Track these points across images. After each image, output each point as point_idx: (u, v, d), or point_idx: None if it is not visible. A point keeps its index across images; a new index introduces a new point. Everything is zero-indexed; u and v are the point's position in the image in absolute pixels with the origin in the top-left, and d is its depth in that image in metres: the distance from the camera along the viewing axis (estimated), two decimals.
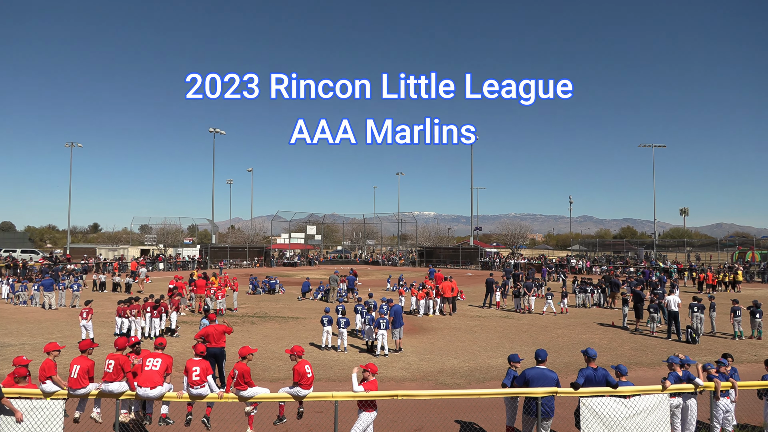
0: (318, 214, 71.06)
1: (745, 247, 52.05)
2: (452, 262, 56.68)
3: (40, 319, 20.22)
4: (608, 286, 24.79)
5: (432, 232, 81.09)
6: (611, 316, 21.24)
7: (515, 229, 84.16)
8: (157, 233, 64.26)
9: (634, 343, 16.37)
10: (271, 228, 71.16)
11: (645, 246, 62.24)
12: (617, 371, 7.93)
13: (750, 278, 40.08)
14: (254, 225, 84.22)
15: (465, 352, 14.87)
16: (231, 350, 12.30)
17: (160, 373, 7.54)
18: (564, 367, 12.90)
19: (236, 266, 53.96)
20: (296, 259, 59.41)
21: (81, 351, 7.83)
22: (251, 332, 17.57)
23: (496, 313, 22.50)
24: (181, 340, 16.15)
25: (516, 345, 15.76)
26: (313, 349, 14.97)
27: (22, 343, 15.54)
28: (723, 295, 28.76)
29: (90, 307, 16.05)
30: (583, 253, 64.32)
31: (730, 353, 9.62)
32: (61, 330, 17.78)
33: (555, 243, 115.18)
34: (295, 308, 23.74)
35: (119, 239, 72.10)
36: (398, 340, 15.04)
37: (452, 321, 20.46)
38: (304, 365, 7.77)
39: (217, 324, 11.66)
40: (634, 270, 42.55)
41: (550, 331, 18.22)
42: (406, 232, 73.64)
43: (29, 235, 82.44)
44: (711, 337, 17.50)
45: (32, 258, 49.38)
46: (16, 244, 59.30)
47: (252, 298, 27.66)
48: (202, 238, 75.09)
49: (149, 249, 58.17)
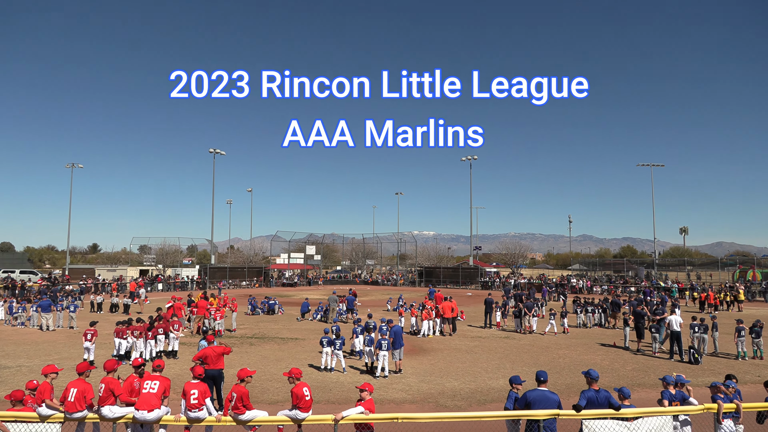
0: (317, 234, 71.08)
1: (746, 266, 51.99)
2: (452, 282, 56.47)
3: (38, 340, 20.05)
4: (609, 306, 24.67)
5: (432, 252, 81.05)
6: (613, 337, 21.10)
7: (515, 249, 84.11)
8: (156, 253, 64.21)
9: (637, 364, 16.22)
10: (270, 248, 71.08)
11: (645, 265, 62.16)
12: (620, 394, 7.84)
13: (751, 297, 39.91)
14: (253, 245, 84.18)
15: (466, 374, 14.72)
16: (229, 372, 12.19)
17: (158, 395, 7.46)
18: (566, 388, 12.77)
19: (235, 287, 53.74)
20: (296, 279, 59.23)
21: (78, 374, 7.76)
22: (250, 353, 17.42)
23: (497, 334, 22.34)
24: (179, 361, 16.00)
25: (517, 366, 15.62)
26: (312, 370, 14.83)
27: (19, 365, 15.39)
28: (725, 314, 28.61)
29: (95, 329, 15.99)
30: (584, 272, 64.18)
31: (734, 374, 9.54)
32: (59, 352, 17.62)
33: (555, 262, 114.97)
34: (294, 329, 23.57)
35: (118, 260, 72.01)
36: (398, 361, 14.90)
37: (452, 342, 20.31)
38: (303, 387, 7.69)
39: (215, 345, 11.58)
40: (634, 289, 42.40)
41: (551, 352, 18.07)
42: (406, 252, 73.53)
43: (28, 255, 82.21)
44: (714, 357, 17.36)
45: (31, 279, 49.18)
46: (15, 265, 59.08)
47: (251, 318, 27.49)
48: (201, 259, 74.91)
49: (148, 269, 58.03)
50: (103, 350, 17.07)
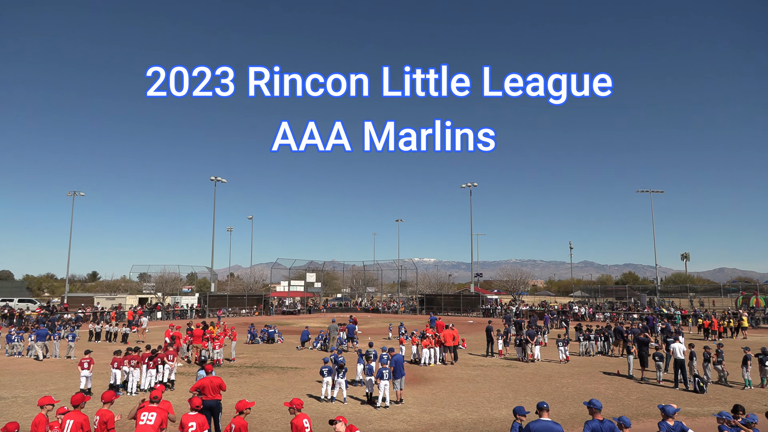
0: (318, 262, 70.92)
1: (749, 292, 51.57)
2: (453, 310, 56.06)
3: (34, 370, 19.81)
4: (612, 334, 24.42)
5: (432, 279, 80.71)
6: (616, 365, 20.83)
7: (516, 276, 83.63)
8: (155, 281, 63.95)
9: (641, 393, 15.97)
10: (270, 275, 70.80)
11: (647, 292, 61.77)
12: (620, 423, 7.72)
13: (755, 324, 39.53)
14: (254, 273, 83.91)
15: (468, 404, 14.50)
16: (227, 402, 12.02)
17: (155, 427, 7.37)
18: (569, 418, 12.56)
19: (235, 315, 53.35)
20: (297, 306, 58.86)
21: (74, 406, 7.66)
22: (248, 383, 17.18)
23: (499, 362, 22.07)
24: (176, 392, 15.77)
25: (520, 395, 15.39)
26: (312, 400, 14.61)
27: (15, 396, 15.17)
28: (729, 342, 28.30)
29: (91, 357, 15.84)
30: (586, 299, 63.75)
31: (741, 404, 9.39)
32: (56, 382, 17.39)
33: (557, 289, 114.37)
34: (294, 358, 23.31)
35: (118, 288, 71.66)
36: (399, 391, 14.68)
37: (454, 370, 20.05)
38: (303, 419, 7.58)
39: (213, 376, 11.44)
40: (637, 317, 42.06)
41: (554, 381, 17.83)
42: (407, 279, 73.27)
43: (27, 283, 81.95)
44: (720, 386, 17.10)
45: (29, 307, 48.90)
46: (13, 293, 58.87)
47: (250, 347, 27.21)
48: (201, 286, 74.61)
49: (147, 298, 57.72)
50: (97, 380, 16.84)
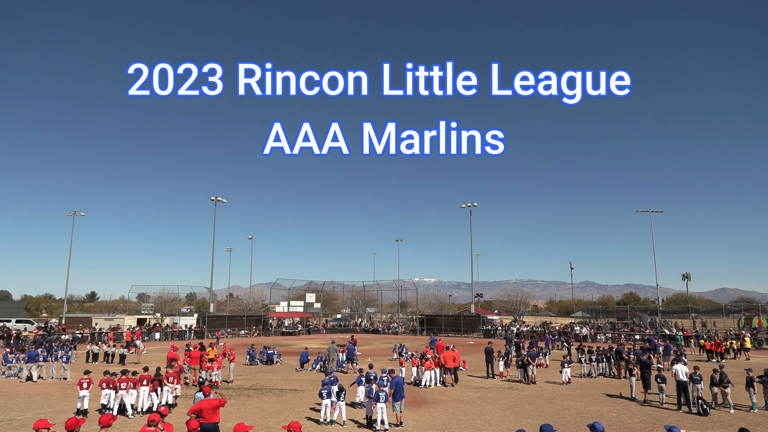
0: (317, 282, 70.73)
1: (751, 312, 51.29)
2: (454, 330, 55.69)
3: (30, 392, 19.59)
4: (614, 355, 24.21)
5: (433, 299, 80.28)
6: (619, 387, 20.61)
7: (516, 296, 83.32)
8: (154, 302, 63.60)
9: (644, 416, 15.77)
10: (270, 296, 70.49)
11: (649, 312, 61.42)
12: None
13: (758, 345, 39.22)
14: (253, 293, 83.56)
15: (469, 427, 14.30)
16: (225, 425, 11.87)
17: None
18: None
19: (234, 335, 52.94)
20: (297, 326, 58.44)
21: (68, 431, 7.57)
22: (247, 405, 16.98)
23: (500, 384, 21.83)
24: (173, 414, 15.57)
25: (521, 418, 15.20)
26: (311, 423, 14.42)
27: (10, 419, 14.97)
28: (732, 363, 28.03)
29: (90, 378, 15.72)
30: (587, 320, 63.34)
31: (746, 427, 9.27)
32: (52, 404, 17.17)
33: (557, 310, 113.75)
34: (293, 380, 23.06)
35: (116, 308, 71.22)
36: (399, 413, 14.49)
37: (455, 392, 19.82)
38: None
39: (211, 398, 11.32)
40: (639, 338, 41.73)
41: (556, 403, 17.61)
42: (407, 300, 72.94)
43: (25, 304, 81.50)
44: (724, 408, 16.87)
45: (27, 328, 48.55)
46: (11, 314, 58.46)
47: (249, 369, 26.95)
48: (200, 307, 74.21)
49: (146, 318, 57.36)
50: (92, 403, 16.62)
